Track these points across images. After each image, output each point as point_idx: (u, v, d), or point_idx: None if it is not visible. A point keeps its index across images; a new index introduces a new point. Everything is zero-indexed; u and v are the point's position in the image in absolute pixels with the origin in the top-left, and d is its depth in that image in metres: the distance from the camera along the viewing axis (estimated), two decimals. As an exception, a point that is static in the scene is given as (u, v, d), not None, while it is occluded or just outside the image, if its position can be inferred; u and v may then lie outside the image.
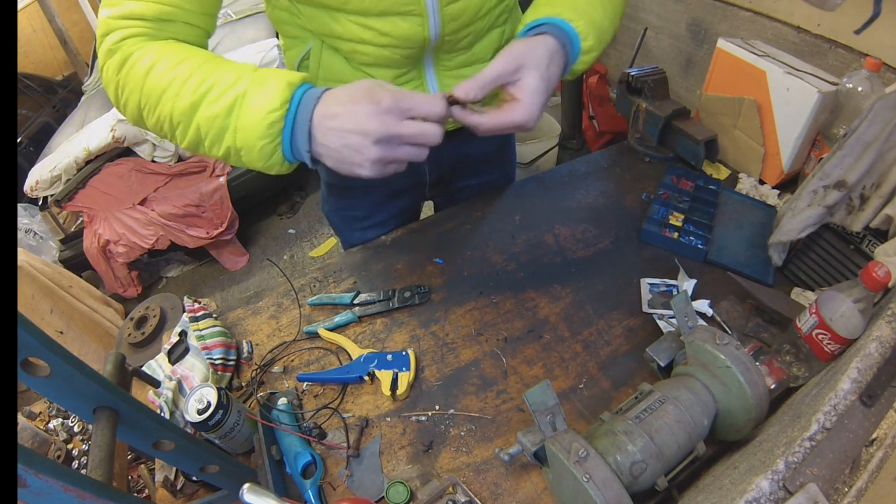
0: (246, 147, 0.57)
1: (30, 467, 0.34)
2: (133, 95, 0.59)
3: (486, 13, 0.77)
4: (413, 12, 0.69)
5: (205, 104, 0.56)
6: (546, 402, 0.59)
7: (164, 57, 0.58)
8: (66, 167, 2.29)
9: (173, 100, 0.57)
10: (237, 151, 0.58)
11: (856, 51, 1.02)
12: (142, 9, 0.58)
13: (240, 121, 0.56)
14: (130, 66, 0.58)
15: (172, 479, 0.71)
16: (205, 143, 0.59)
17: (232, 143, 0.57)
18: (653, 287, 0.87)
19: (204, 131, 0.58)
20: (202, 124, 0.57)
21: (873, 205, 0.72)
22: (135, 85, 0.58)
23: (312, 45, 0.78)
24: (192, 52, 0.60)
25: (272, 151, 0.57)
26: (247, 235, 2.82)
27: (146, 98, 0.58)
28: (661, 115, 1.09)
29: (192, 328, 0.85)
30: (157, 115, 0.59)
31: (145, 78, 0.57)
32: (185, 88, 0.56)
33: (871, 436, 0.49)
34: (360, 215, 1.05)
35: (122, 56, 0.59)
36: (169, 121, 0.58)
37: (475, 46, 0.81)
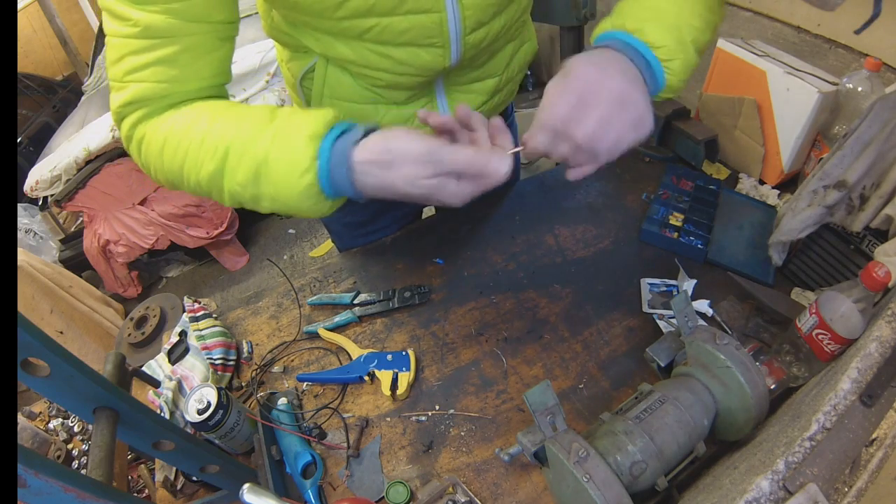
0: (290, 207, 0.55)
1: (30, 467, 0.34)
2: (160, 173, 0.59)
3: (504, 33, 0.75)
4: (436, 44, 0.66)
5: (229, 171, 0.54)
6: (546, 402, 0.59)
7: (174, 127, 0.56)
8: (66, 167, 2.29)
9: (195, 169, 0.55)
10: (284, 210, 0.56)
11: (856, 51, 1.02)
12: (143, 91, 0.56)
13: (271, 188, 0.53)
14: (146, 147, 0.58)
15: (172, 479, 0.71)
16: (245, 205, 0.57)
17: (273, 206, 0.55)
18: (653, 287, 0.87)
19: (238, 197, 0.56)
20: (234, 191, 0.55)
21: (873, 205, 0.72)
22: (156, 164, 0.58)
23: (317, 60, 0.74)
24: (201, 111, 0.57)
25: (320, 206, 0.55)
26: (247, 235, 2.82)
27: (169, 173, 0.58)
28: (661, 115, 1.09)
29: (192, 328, 0.85)
30: (188, 184, 0.57)
31: (161, 155, 0.57)
32: (202, 154, 0.54)
33: (871, 436, 0.49)
34: (362, 221, 1.03)
35: (137, 140, 0.58)
36: (200, 187, 0.57)
37: (488, 63, 0.80)
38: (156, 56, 0.54)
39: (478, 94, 0.83)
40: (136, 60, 0.54)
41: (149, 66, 0.54)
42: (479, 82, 0.82)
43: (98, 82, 3.11)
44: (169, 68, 0.55)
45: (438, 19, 0.63)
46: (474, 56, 0.74)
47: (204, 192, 0.57)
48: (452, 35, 0.66)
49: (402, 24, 0.62)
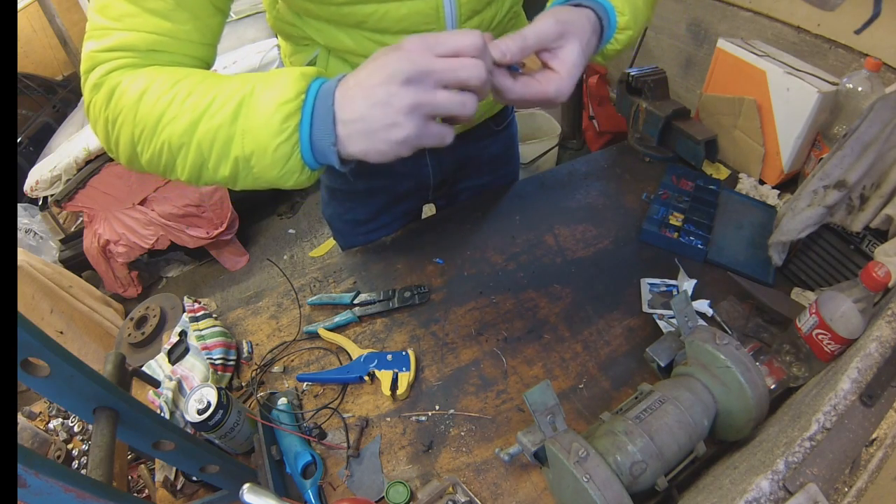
0: (257, 151, 0.48)
1: (30, 467, 0.34)
2: (125, 127, 0.52)
3: (498, 23, 0.76)
4: (433, 30, 0.68)
5: (206, 118, 0.49)
6: (546, 402, 0.59)
7: (159, 78, 0.51)
8: (66, 167, 2.29)
9: (172, 121, 0.50)
10: (246, 161, 0.50)
11: (856, 51, 1.02)
12: (132, 39, 0.52)
13: (248, 122, 0.48)
14: (120, 96, 0.52)
15: (172, 479, 0.71)
16: (209, 163, 0.51)
17: (240, 151, 0.49)
18: (653, 287, 0.87)
19: (206, 148, 0.50)
20: (203, 141, 0.49)
21: (873, 205, 0.72)
22: (127, 115, 0.51)
23: (319, 52, 0.76)
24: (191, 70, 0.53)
25: (289, 153, 0.48)
26: (247, 235, 2.82)
27: (141, 126, 0.51)
28: (661, 115, 1.09)
29: (192, 328, 0.85)
30: (154, 145, 0.51)
31: (138, 104, 0.51)
32: (184, 107, 0.49)
33: (871, 436, 0.49)
34: (364, 219, 1.04)
35: (110, 88, 0.52)
36: (168, 148, 0.51)
37: None
38: (150, 6, 0.52)
39: None
40: (125, 7, 0.51)
41: (140, 14, 0.51)
42: None
43: (98, 82, 3.10)
44: (162, 20, 0.52)
45: (435, 5, 0.65)
46: None
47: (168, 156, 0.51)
48: (448, 21, 0.68)
49: (399, 10, 0.64)
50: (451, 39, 0.46)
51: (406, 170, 0.97)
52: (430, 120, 0.47)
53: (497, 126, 1.01)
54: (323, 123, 0.48)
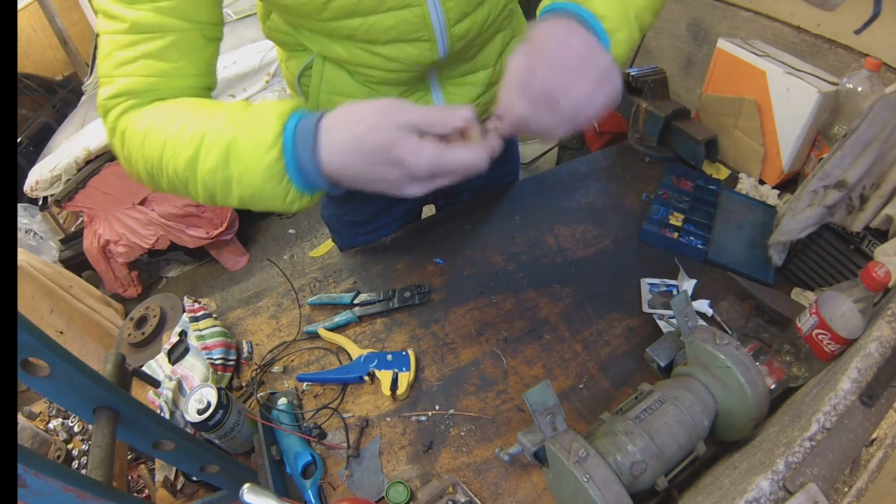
0: (256, 193, 0.53)
1: (30, 467, 0.34)
2: (139, 164, 0.58)
3: (491, 23, 0.76)
4: (422, 38, 0.68)
5: (202, 157, 0.53)
6: (546, 402, 0.59)
7: (157, 117, 0.56)
8: (66, 167, 2.29)
9: (173, 157, 0.55)
10: (251, 199, 0.54)
11: (856, 51, 1.02)
12: (131, 84, 0.57)
13: (239, 167, 0.52)
14: (130, 138, 0.58)
15: (172, 479, 0.71)
16: (217, 197, 0.56)
17: (241, 192, 0.54)
18: (653, 287, 0.87)
19: (210, 186, 0.55)
20: (206, 179, 0.54)
21: (873, 205, 0.72)
22: (137, 153, 0.58)
23: (314, 58, 0.76)
24: (184, 104, 0.57)
25: (285, 190, 0.53)
26: (247, 235, 2.82)
27: (149, 162, 0.57)
28: (661, 115, 1.09)
29: (192, 328, 0.85)
30: (166, 176, 0.57)
31: (143, 143, 0.56)
32: (180, 142, 0.54)
33: (871, 436, 0.49)
34: (363, 220, 1.04)
35: (120, 132, 0.58)
36: (177, 177, 0.56)
37: (478, 55, 0.81)
38: (144, 51, 0.55)
39: (472, 87, 0.83)
40: (125, 55, 0.56)
41: (137, 59, 0.56)
42: (471, 74, 0.82)
43: (97, 83, 3.11)
44: (156, 62, 0.56)
45: (421, 13, 0.65)
46: (463, 48, 0.74)
47: (180, 184, 0.56)
48: (437, 28, 0.67)
49: (386, 21, 0.64)
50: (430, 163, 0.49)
51: None
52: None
53: None
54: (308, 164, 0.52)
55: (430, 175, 0.50)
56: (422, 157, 0.49)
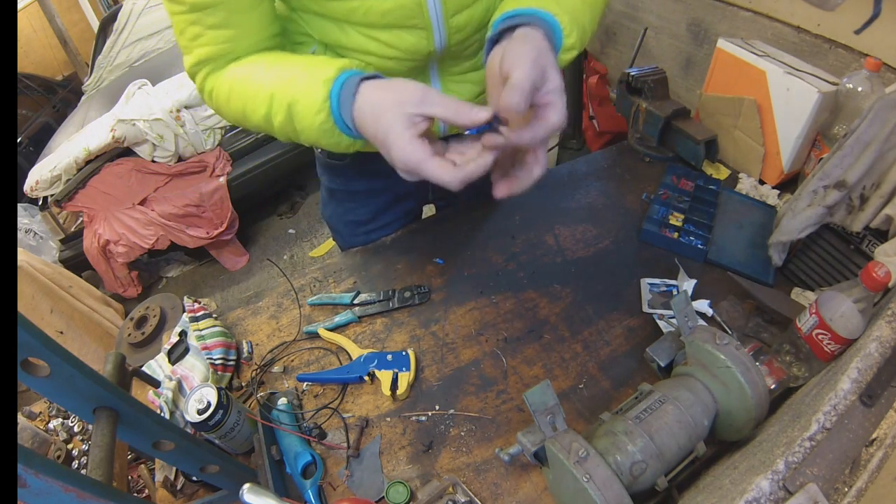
0: (318, 142, 0.64)
1: (30, 467, 0.34)
2: (228, 116, 0.71)
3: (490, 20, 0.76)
4: (418, 25, 0.68)
5: (273, 113, 0.63)
6: (546, 402, 0.59)
7: (236, 79, 0.66)
8: (66, 167, 2.29)
9: (253, 115, 0.65)
10: (317, 144, 0.65)
11: (856, 51, 1.02)
12: (206, 53, 0.66)
13: (301, 124, 0.62)
14: (216, 97, 0.69)
15: (172, 479, 0.71)
16: (293, 141, 0.67)
17: (307, 140, 0.65)
18: (653, 287, 0.87)
19: (284, 134, 0.66)
20: (279, 130, 0.65)
21: (873, 205, 0.72)
22: (224, 109, 0.70)
23: (316, 48, 0.77)
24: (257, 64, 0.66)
25: (337, 141, 0.62)
26: (247, 235, 2.82)
27: (236, 116, 0.69)
28: (661, 115, 1.09)
29: (192, 328, 0.85)
30: (252, 125, 0.68)
31: (228, 102, 0.68)
32: (256, 101, 0.64)
33: (871, 436, 0.49)
34: (363, 219, 1.04)
35: (208, 92, 0.70)
36: (260, 127, 0.67)
37: (480, 53, 0.81)
38: (208, 23, 0.64)
39: (473, 84, 0.83)
40: (194, 30, 0.65)
41: (204, 32, 0.65)
42: (474, 72, 0.82)
43: (98, 82, 3.11)
44: (221, 31, 0.65)
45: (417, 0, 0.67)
46: (463, 42, 0.74)
47: (264, 130, 0.68)
48: (433, 16, 0.68)
49: (383, 4, 0.66)
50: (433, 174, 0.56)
51: None
52: None
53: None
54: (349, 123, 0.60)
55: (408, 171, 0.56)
56: (402, 154, 0.55)
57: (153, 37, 3.13)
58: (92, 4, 4.14)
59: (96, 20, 3.91)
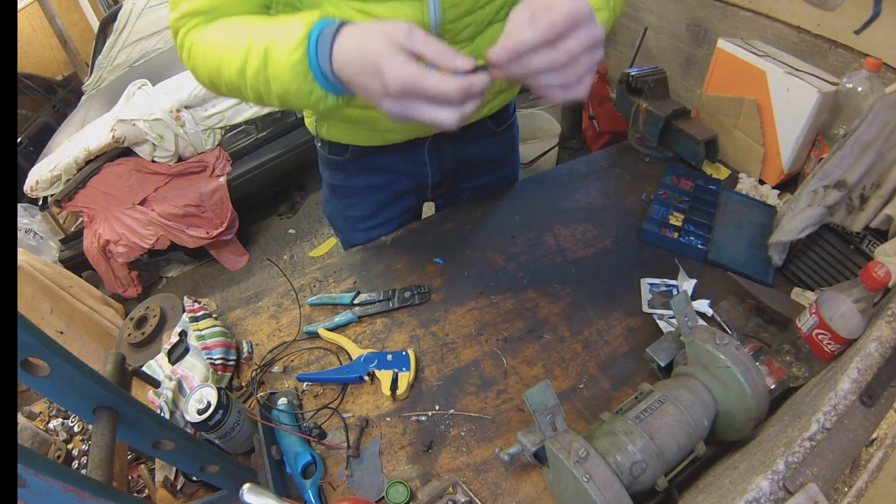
0: (287, 91, 0.59)
1: (30, 467, 0.34)
2: (202, 74, 0.68)
3: (487, 2, 0.76)
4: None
5: (248, 63, 0.61)
6: (546, 402, 0.59)
7: (216, 35, 0.65)
8: (66, 167, 2.29)
9: (228, 69, 0.63)
10: (285, 96, 0.61)
11: (856, 51, 1.02)
12: (196, 6, 0.66)
13: (274, 68, 0.59)
14: (194, 53, 0.67)
15: (172, 479, 0.71)
16: (263, 97, 0.63)
17: (277, 90, 0.60)
18: (653, 287, 0.87)
19: (255, 88, 0.62)
20: (251, 82, 0.62)
21: (873, 205, 0.72)
22: (201, 66, 0.67)
23: None
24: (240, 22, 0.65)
25: (309, 89, 0.58)
26: (247, 235, 2.82)
27: (210, 73, 0.67)
28: (661, 115, 1.09)
29: (192, 328, 0.85)
30: (226, 84, 0.66)
31: (205, 58, 0.66)
32: (233, 54, 0.62)
33: (871, 436, 0.49)
34: (363, 216, 1.05)
35: (187, 46, 0.68)
36: (233, 86, 0.65)
37: (476, 40, 0.80)
38: None
39: None
40: None
41: None
42: None
43: (98, 82, 3.11)
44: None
45: None
46: (457, 20, 0.74)
47: (235, 89, 0.65)
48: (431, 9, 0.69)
49: None
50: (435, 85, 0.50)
51: (404, 168, 0.97)
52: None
53: (497, 127, 1.01)
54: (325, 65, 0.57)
55: (403, 92, 0.51)
56: (397, 72, 0.50)
57: (153, 37, 3.13)
58: (92, 4, 4.14)
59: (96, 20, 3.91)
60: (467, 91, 0.50)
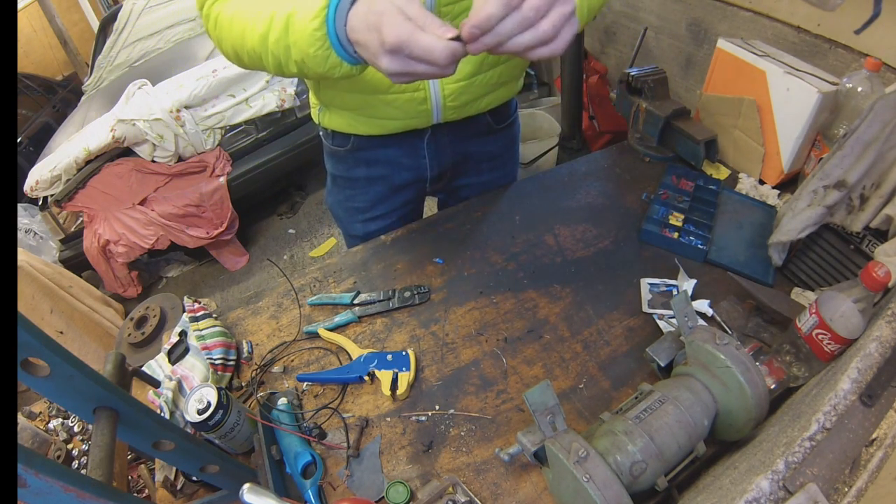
0: (306, 57, 0.62)
1: (30, 467, 0.34)
2: (227, 43, 0.71)
3: None
4: None
5: (271, 31, 0.63)
6: (546, 402, 0.59)
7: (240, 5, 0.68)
8: (66, 167, 2.29)
9: (251, 36, 0.65)
10: (303, 62, 0.63)
11: (856, 51, 1.02)
12: None
13: (294, 36, 0.61)
14: (220, 24, 0.70)
15: (172, 479, 0.71)
16: (283, 64, 0.66)
17: (297, 56, 0.63)
18: (653, 287, 0.87)
19: (275, 54, 0.65)
20: (272, 49, 0.64)
21: (873, 205, 0.72)
22: (226, 35, 0.70)
23: None
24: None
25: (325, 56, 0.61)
26: (247, 235, 2.82)
27: (234, 42, 0.69)
28: (661, 115, 1.09)
29: (192, 328, 0.85)
30: (248, 52, 0.68)
31: (230, 28, 0.69)
32: (256, 22, 0.64)
33: (871, 436, 0.49)
34: (363, 207, 1.06)
35: (213, 17, 0.71)
36: (255, 53, 0.67)
37: None
38: None
39: (466, 63, 0.83)
40: None
41: None
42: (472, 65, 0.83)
43: (98, 82, 3.11)
44: None
45: None
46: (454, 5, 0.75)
47: (257, 57, 0.68)
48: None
49: None
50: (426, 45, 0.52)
51: (404, 161, 0.98)
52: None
53: (497, 124, 1.01)
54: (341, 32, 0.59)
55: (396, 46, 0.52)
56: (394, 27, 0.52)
57: (153, 37, 3.13)
58: (92, 4, 4.14)
59: (96, 20, 3.92)
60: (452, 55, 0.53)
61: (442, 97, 0.85)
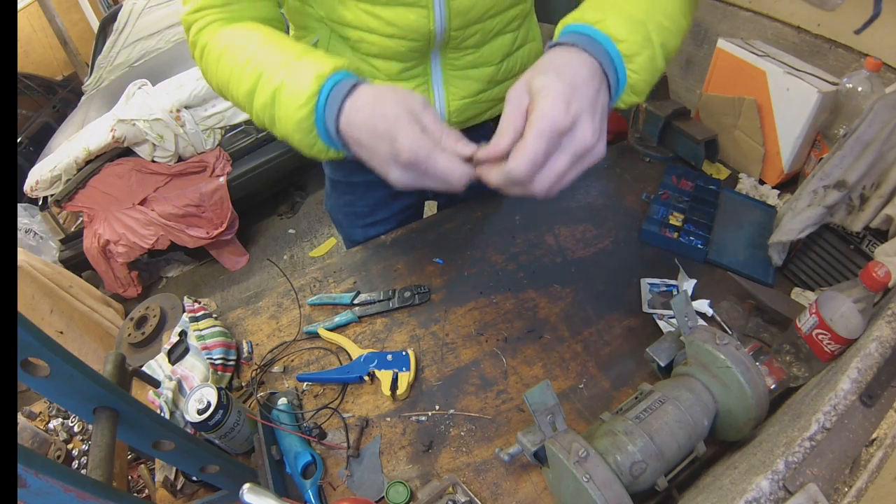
0: (289, 137, 0.60)
1: (30, 467, 0.34)
2: (213, 79, 0.68)
3: (497, 14, 0.76)
4: (419, 3, 0.69)
5: (257, 92, 0.60)
6: (546, 402, 0.59)
7: (230, 42, 0.64)
8: (66, 167, 2.29)
9: (237, 86, 0.62)
10: (288, 139, 0.60)
11: (856, 51, 1.02)
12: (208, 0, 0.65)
13: (280, 111, 0.58)
14: (207, 56, 0.67)
15: (172, 479, 0.71)
16: (267, 127, 0.63)
17: (280, 131, 0.60)
18: (653, 287, 0.87)
19: (261, 117, 0.62)
20: (258, 112, 0.62)
21: (873, 205, 0.72)
22: (213, 71, 0.67)
23: (321, 35, 0.78)
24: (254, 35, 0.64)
25: (311, 143, 0.59)
26: (247, 235, 2.82)
27: (220, 82, 0.66)
28: (661, 115, 1.09)
29: (192, 328, 0.85)
30: (232, 97, 0.66)
31: (217, 65, 0.65)
32: (244, 74, 0.61)
33: (871, 436, 0.49)
34: (363, 212, 1.06)
35: (200, 46, 0.67)
36: (241, 105, 0.65)
37: (483, 48, 0.81)
38: None
39: (474, 82, 0.83)
40: None
41: None
42: (474, 69, 0.83)
43: (98, 82, 3.11)
44: None
45: None
46: (465, 28, 0.75)
47: (241, 107, 0.65)
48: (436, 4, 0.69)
49: None
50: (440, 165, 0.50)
51: None
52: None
53: None
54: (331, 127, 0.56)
55: (411, 163, 0.50)
56: (410, 142, 0.50)
57: (153, 37, 3.13)
58: (92, 4, 4.14)
59: (96, 20, 3.92)
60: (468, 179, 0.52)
61: (447, 113, 0.86)
